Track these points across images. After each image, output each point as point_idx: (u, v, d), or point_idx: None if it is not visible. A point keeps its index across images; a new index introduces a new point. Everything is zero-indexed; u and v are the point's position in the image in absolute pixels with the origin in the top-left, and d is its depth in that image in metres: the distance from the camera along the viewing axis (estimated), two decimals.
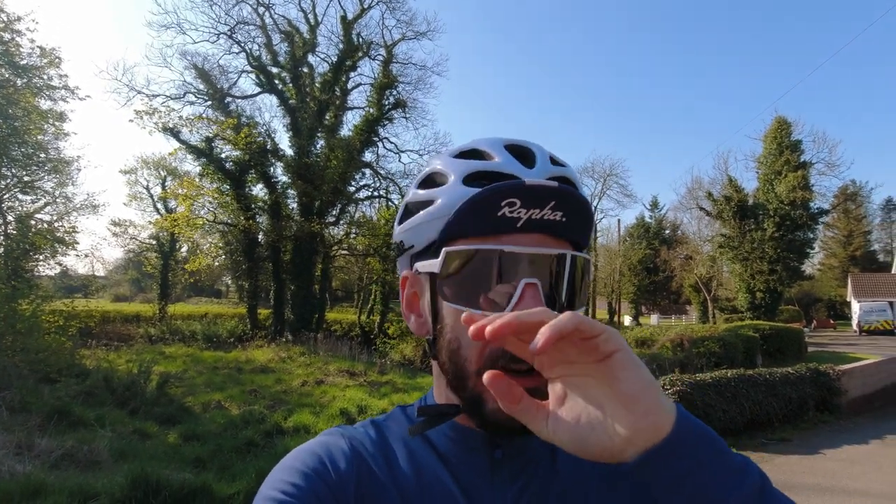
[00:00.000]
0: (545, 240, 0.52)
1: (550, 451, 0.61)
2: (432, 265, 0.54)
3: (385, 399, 9.78)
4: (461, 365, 0.53)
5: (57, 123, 15.38)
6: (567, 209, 0.51)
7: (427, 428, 0.57)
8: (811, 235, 28.55)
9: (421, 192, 0.57)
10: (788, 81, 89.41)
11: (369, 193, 25.06)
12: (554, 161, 0.57)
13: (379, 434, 0.61)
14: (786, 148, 27.62)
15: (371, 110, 23.38)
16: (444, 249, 0.52)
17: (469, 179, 0.54)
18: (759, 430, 7.56)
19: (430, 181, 0.57)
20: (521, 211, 0.50)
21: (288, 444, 6.39)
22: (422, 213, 0.55)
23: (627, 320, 38.42)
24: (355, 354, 15.98)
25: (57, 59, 13.10)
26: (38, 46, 12.61)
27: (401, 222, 0.59)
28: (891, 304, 33.07)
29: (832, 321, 38.01)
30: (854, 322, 33.08)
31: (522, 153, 0.56)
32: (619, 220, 39.96)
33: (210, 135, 20.38)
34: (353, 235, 24.44)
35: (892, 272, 39.79)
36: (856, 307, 33.65)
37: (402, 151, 24.92)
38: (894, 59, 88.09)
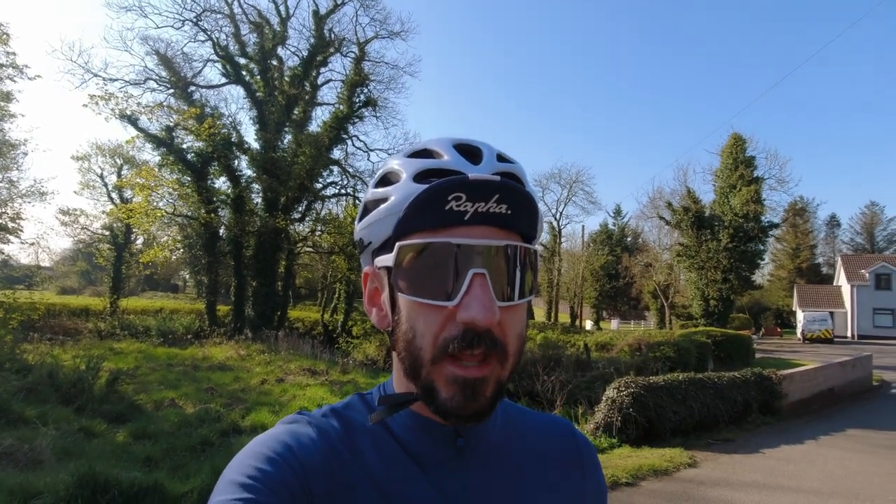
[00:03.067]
0: (493, 232, 0.54)
1: (506, 439, 0.65)
2: (388, 259, 0.56)
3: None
4: (416, 354, 0.54)
5: (2, 103, 14.53)
6: (511, 202, 0.54)
7: (388, 415, 0.58)
8: (762, 247, 29.98)
9: (376, 190, 0.59)
10: (747, 98, 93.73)
11: (336, 191, 24.80)
12: (501, 158, 0.59)
13: (342, 423, 0.61)
14: (740, 163, 28.96)
15: (341, 107, 23.14)
16: (397, 244, 0.54)
17: (419, 177, 0.56)
18: (707, 430, 7.91)
19: (385, 180, 0.59)
20: (468, 204, 0.52)
21: (245, 443, 6.25)
22: (377, 210, 0.58)
23: (589, 325, 39.33)
24: (317, 353, 15.77)
25: (5, 36, 12.38)
26: None
27: (360, 220, 0.61)
28: (831, 314, 35.21)
29: (779, 329, 40.03)
30: (798, 330, 35.00)
31: (470, 151, 0.59)
32: (583, 227, 41.08)
33: (171, 124, 19.71)
34: (318, 233, 24.10)
35: (834, 284, 42.34)
36: (800, 316, 35.62)
37: (371, 150, 24.79)
38: (842, 84, 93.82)
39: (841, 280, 40.24)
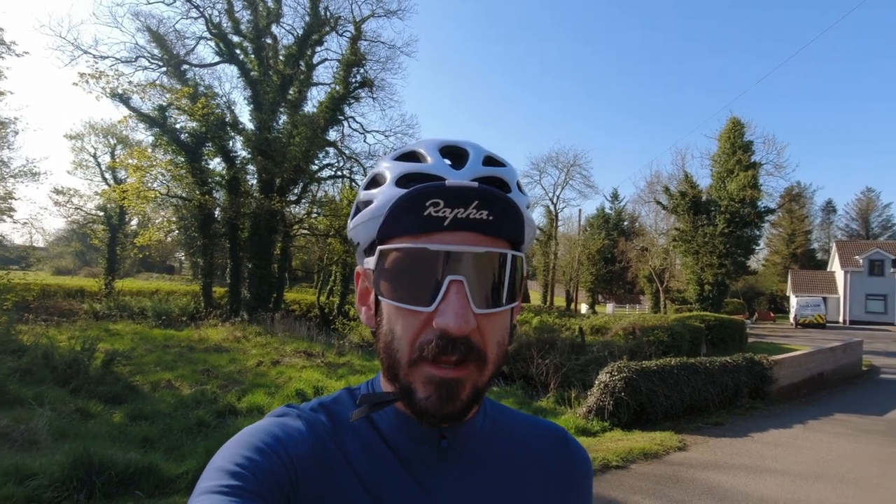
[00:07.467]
0: (475, 238, 0.54)
1: (492, 443, 0.65)
2: (371, 262, 0.57)
3: (342, 381, 9.77)
4: (394, 356, 0.55)
5: None
6: (492, 208, 0.53)
7: (366, 414, 0.58)
8: (757, 233, 30.02)
9: (364, 192, 0.59)
10: (745, 83, 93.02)
11: (332, 173, 24.62)
12: (490, 162, 0.58)
13: (330, 418, 0.61)
14: (738, 148, 28.82)
15: (337, 88, 22.81)
16: (378, 248, 0.55)
17: (401, 181, 0.56)
18: (697, 415, 8.03)
19: (374, 182, 0.59)
20: (446, 210, 0.52)
21: (241, 424, 6.31)
22: (363, 212, 0.58)
23: (584, 308, 39.55)
24: (313, 335, 15.83)
25: None
26: None
27: (351, 220, 0.61)
28: (825, 299, 35.51)
29: (772, 314, 40.38)
30: (791, 315, 35.30)
31: (456, 153, 0.58)
32: (580, 210, 41.12)
33: (164, 103, 19.37)
34: (314, 215, 23.98)
35: (828, 270, 42.61)
36: (794, 302, 35.89)
37: (368, 132, 24.51)
38: (840, 70, 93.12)
39: (835, 266, 40.48)
